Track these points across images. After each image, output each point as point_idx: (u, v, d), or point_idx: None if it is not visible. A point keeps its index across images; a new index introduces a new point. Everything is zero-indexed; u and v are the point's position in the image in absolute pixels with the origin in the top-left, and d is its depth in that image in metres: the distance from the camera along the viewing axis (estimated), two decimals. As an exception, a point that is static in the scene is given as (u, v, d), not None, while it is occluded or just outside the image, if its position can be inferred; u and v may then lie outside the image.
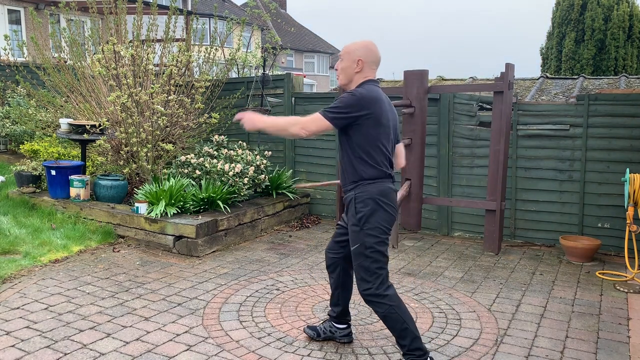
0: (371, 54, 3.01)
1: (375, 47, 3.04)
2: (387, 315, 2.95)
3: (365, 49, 3.00)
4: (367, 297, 2.98)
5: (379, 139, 2.93)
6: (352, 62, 2.99)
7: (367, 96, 2.89)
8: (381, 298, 2.94)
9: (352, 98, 2.88)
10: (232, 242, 5.80)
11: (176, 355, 3.28)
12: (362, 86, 2.97)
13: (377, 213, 2.93)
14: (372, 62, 3.02)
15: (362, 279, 2.98)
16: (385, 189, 2.97)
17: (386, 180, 2.99)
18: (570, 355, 3.38)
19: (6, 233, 5.35)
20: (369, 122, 2.89)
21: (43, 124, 7.88)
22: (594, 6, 19.55)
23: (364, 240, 2.94)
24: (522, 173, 6.05)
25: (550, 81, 10.06)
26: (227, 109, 7.64)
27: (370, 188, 2.94)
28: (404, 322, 2.93)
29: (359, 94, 2.89)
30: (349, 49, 3.02)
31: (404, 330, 2.93)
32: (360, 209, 2.94)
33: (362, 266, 2.97)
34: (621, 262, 5.32)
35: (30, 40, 10.09)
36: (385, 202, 2.95)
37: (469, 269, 5.12)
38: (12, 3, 16.20)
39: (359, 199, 2.95)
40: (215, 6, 8.41)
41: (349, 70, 3.01)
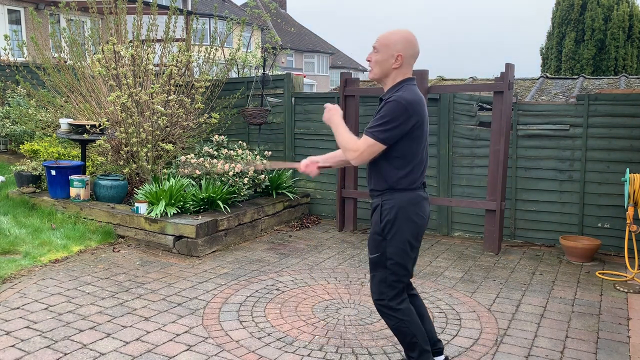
0: (412, 48, 2.69)
1: (415, 40, 2.72)
2: (397, 328, 2.80)
3: (405, 42, 2.68)
4: (378, 307, 2.83)
5: (420, 145, 2.69)
6: (389, 56, 2.67)
7: (414, 101, 2.60)
8: (393, 311, 2.78)
9: (400, 107, 2.57)
10: (232, 242, 5.80)
11: (176, 355, 3.28)
12: (404, 88, 2.66)
13: (404, 223, 2.70)
14: (412, 57, 2.71)
15: (377, 289, 2.80)
16: (416, 197, 2.73)
17: (417, 190, 2.75)
18: (570, 355, 3.38)
19: (6, 233, 5.35)
20: (417, 132, 2.65)
21: (43, 124, 7.88)
22: (594, 6, 19.56)
23: (385, 250, 2.73)
24: (522, 173, 6.05)
25: (550, 81, 10.06)
26: (227, 109, 7.64)
27: (400, 196, 2.70)
28: (414, 336, 2.78)
29: (406, 101, 2.59)
30: (387, 41, 2.68)
31: (413, 344, 2.80)
32: (385, 216, 2.71)
33: (379, 277, 2.78)
34: (621, 262, 5.32)
35: (30, 40, 10.09)
36: (415, 212, 2.72)
37: (469, 269, 5.12)
38: (12, 3, 16.20)
39: (386, 206, 2.72)
40: (215, 6, 8.41)
41: (385, 64, 2.69)
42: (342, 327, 3.72)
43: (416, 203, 2.73)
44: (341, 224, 6.58)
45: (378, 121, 2.61)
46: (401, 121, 2.58)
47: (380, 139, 2.60)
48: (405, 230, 2.71)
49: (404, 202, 2.70)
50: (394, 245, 2.72)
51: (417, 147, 2.69)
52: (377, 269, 2.78)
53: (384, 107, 2.64)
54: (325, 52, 41.11)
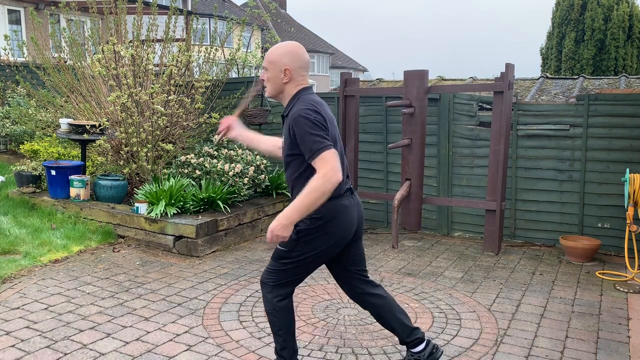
0: (298, 59, 2.70)
1: (301, 50, 2.73)
2: (268, 314, 2.83)
3: (291, 55, 2.69)
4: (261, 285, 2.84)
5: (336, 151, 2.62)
6: (278, 71, 2.68)
7: (318, 109, 2.59)
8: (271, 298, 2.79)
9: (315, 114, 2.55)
10: (232, 242, 5.80)
11: (176, 355, 3.28)
12: (302, 99, 2.65)
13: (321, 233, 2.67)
14: (301, 68, 2.70)
15: (267, 272, 2.81)
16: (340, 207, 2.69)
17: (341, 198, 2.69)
18: (570, 355, 3.38)
19: (6, 233, 5.35)
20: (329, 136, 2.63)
21: (43, 124, 7.88)
22: (594, 6, 19.56)
23: (293, 250, 2.70)
24: (522, 173, 6.05)
25: (550, 81, 10.06)
26: (227, 109, 7.63)
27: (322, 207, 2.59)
28: (279, 329, 2.81)
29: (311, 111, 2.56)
30: (272, 57, 2.70)
31: (277, 335, 2.83)
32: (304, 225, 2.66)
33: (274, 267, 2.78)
34: (621, 262, 5.32)
35: (30, 40, 10.08)
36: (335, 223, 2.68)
37: (469, 269, 5.12)
38: (12, 3, 16.20)
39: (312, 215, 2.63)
40: (215, 6, 8.41)
41: (276, 80, 2.70)
42: (342, 327, 3.72)
43: (340, 214, 2.69)
44: (341, 224, 6.57)
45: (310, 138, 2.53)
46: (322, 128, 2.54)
47: (331, 146, 2.53)
48: (321, 241, 2.69)
49: (328, 214, 2.65)
50: (301, 249, 2.70)
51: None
52: (277, 258, 2.77)
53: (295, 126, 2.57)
54: (325, 52, 41.10)
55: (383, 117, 6.69)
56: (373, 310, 3.01)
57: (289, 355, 2.87)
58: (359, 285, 2.96)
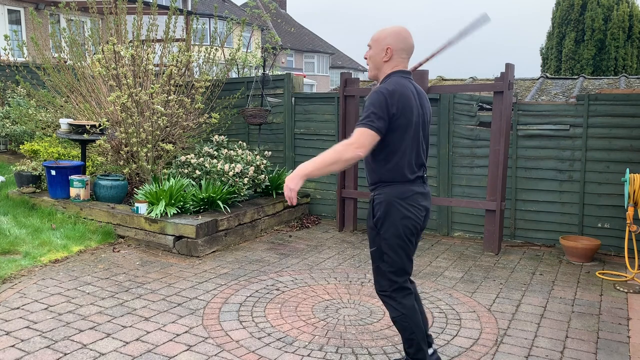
0: (402, 41, 2.75)
1: (407, 34, 2.78)
2: (397, 321, 2.84)
3: (395, 36, 2.75)
4: (381, 296, 2.88)
5: (405, 135, 2.69)
6: (380, 50, 2.76)
7: (394, 91, 2.64)
8: (395, 303, 2.81)
9: (382, 96, 2.62)
10: (232, 242, 5.80)
11: (176, 355, 3.28)
12: (389, 80, 2.73)
13: (395, 217, 2.71)
14: (402, 50, 2.76)
15: (377, 281, 2.86)
16: (406, 191, 2.73)
17: (409, 183, 2.75)
18: (570, 355, 3.38)
19: (6, 233, 5.35)
20: (399, 121, 2.65)
21: (43, 124, 7.88)
22: (594, 6, 19.56)
23: (380, 244, 2.78)
24: (522, 173, 6.05)
25: (550, 81, 10.06)
26: (227, 109, 7.64)
27: (388, 190, 2.73)
28: (413, 332, 2.82)
29: (386, 91, 2.63)
30: (377, 36, 2.78)
31: (410, 340, 2.84)
32: (376, 211, 2.76)
33: (379, 269, 2.83)
34: (621, 262, 5.32)
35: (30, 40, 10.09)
36: (406, 206, 2.72)
37: (469, 269, 5.12)
38: (12, 3, 16.20)
39: (377, 201, 2.76)
40: (215, 6, 8.41)
41: (377, 58, 2.78)
42: (342, 327, 3.72)
43: (408, 197, 2.73)
44: (341, 224, 6.58)
45: (365, 112, 2.65)
46: (386, 111, 2.62)
47: (374, 129, 2.60)
48: (398, 224, 2.72)
49: (393, 196, 2.72)
50: (388, 240, 2.74)
51: (401, 138, 2.69)
52: (376, 261, 2.83)
53: (367, 99, 2.70)
54: (325, 52, 41.10)
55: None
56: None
57: (424, 356, 2.86)
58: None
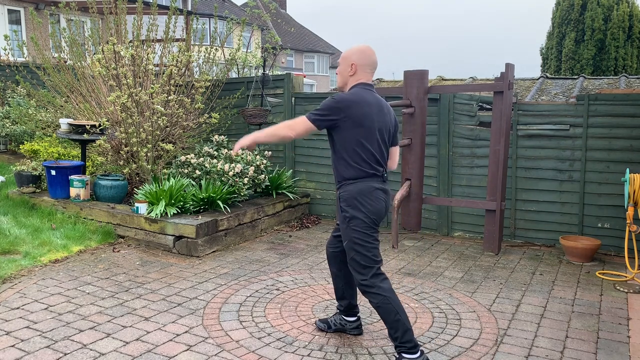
0: (365, 58, 3.13)
1: (370, 51, 3.16)
2: (380, 306, 3.06)
3: (359, 54, 3.14)
4: (361, 287, 3.13)
5: (359, 140, 3.03)
6: (346, 66, 3.15)
7: (348, 99, 3.02)
8: (375, 289, 3.07)
9: (332, 101, 3.01)
10: (232, 242, 5.80)
11: (176, 355, 3.28)
12: (351, 89, 3.12)
13: (360, 210, 3.07)
14: (366, 66, 3.14)
15: (356, 271, 3.14)
16: (365, 188, 3.08)
17: (368, 179, 3.09)
18: (570, 355, 3.38)
19: (6, 233, 5.35)
20: (348, 124, 3.01)
21: (43, 124, 7.88)
22: (594, 6, 19.56)
23: (351, 236, 3.10)
24: (522, 173, 6.05)
25: (550, 81, 10.07)
26: (227, 109, 7.64)
27: (351, 187, 3.09)
28: (397, 313, 3.02)
29: (340, 97, 3.02)
30: (345, 54, 3.18)
31: (396, 322, 3.02)
32: (344, 207, 3.11)
33: (354, 260, 3.13)
34: (621, 262, 5.32)
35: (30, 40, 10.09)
36: (366, 200, 3.07)
37: (469, 269, 5.12)
38: (12, 3, 16.20)
39: (342, 198, 3.11)
40: (215, 6, 8.41)
41: (344, 73, 3.17)
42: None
43: (367, 192, 3.08)
44: (341, 224, 6.57)
45: (316, 108, 3.07)
46: (329, 113, 3.01)
47: (311, 120, 3.03)
48: (361, 215, 3.07)
49: (355, 193, 3.08)
50: (356, 230, 3.08)
51: (359, 142, 3.03)
52: (350, 253, 3.14)
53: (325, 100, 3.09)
54: (325, 52, 41.10)
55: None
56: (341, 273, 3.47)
57: (412, 336, 3.03)
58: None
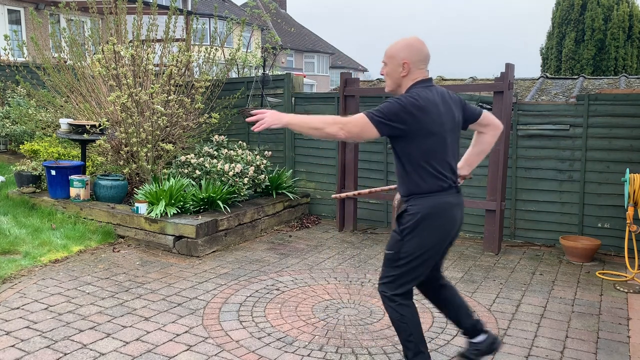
0: (417, 53, 2.72)
1: (420, 44, 2.75)
2: (395, 322, 2.83)
3: (409, 49, 2.72)
4: (382, 297, 2.87)
5: (432, 149, 2.68)
6: (396, 65, 2.72)
7: (416, 105, 2.60)
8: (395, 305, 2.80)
9: (398, 107, 2.59)
10: (232, 242, 5.80)
11: (176, 355, 3.28)
12: (411, 91, 2.69)
13: (423, 228, 2.70)
14: (419, 61, 2.72)
15: (384, 282, 2.83)
16: (439, 204, 2.71)
17: (442, 194, 2.73)
18: (570, 355, 3.38)
19: (6, 233, 5.35)
20: (417, 134, 2.62)
21: (43, 124, 7.88)
22: (594, 6, 19.55)
23: (400, 250, 2.74)
24: (522, 173, 6.05)
25: (550, 81, 10.06)
26: (227, 109, 7.64)
27: (422, 202, 2.70)
28: (411, 334, 2.80)
29: (406, 102, 2.60)
30: (391, 52, 2.74)
31: (409, 342, 2.82)
32: (406, 222, 2.72)
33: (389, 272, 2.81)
34: (621, 262, 5.32)
35: (30, 40, 10.09)
36: (434, 218, 2.71)
37: (469, 269, 5.12)
38: (12, 3, 16.21)
39: (410, 212, 2.72)
40: (215, 6, 8.41)
41: (394, 75, 2.75)
42: (342, 327, 3.72)
43: (440, 211, 2.72)
44: (341, 224, 6.58)
45: (377, 109, 2.62)
46: (394, 119, 2.59)
47: (375, 122, 2.57)
48: (424, 233, 2.71)
49: (426, 209, 2.69)
50: (410, 246, 2.72)
51: (426, 149, 2.67)
52: (389, 264, 2.81)
53: (388, 100, 2.65)
54: (325, 52, 41.10)
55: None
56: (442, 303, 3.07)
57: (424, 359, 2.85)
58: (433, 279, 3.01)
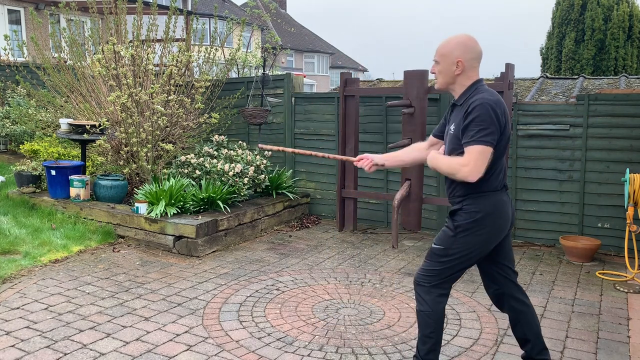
0: (471, 51, 2.71)
1: (473, 42, 2.73)
2: (421, 315, 2.83)
3: (463, 47, 2.70)
4: (417, 287, 2.85)
5: (503, 149, 2.69)
6: (450, 64, 2.71)
7: (498, 101, 2.61)
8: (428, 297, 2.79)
9: (492, 112, 2.57)
10: (232, 242, 5.80)
11: (176, 355, 3.28)
12: (479, 90, 2.68)
13: (479, 227, 2.69)
14: (473, 60, 2.72)
15: (424, 275, 2.82)
16: (498, 202, 2.71)
17: (500, 193, 2.73)
18: (570, 355, 3.38)
19: (6, 233, 5.35)
20: (503, 132, 2.64)
21: (43, 124, 7.88)
22: (594, 6, 19.54)
23: (451, 246, 2.73)
24: (522, 173, 6.05)
25: (550, 81, 10.07)
26: (227, 109, 7.64)
27: (483, 201, 2.69)
28: (432, 332, 2.80)
29: (495, 103, 2.59)
30: (444, 51, 2.73)
31: (428, 338, 2.82)
32: (462, 220, 2.71)
33: (433, 266, 2.79)
34: (621, 262, 5.32)
35: (30, 40, 10.09)
36: (493, 219, 2.70)
37: (468, 269, 5.11)
38: (12, 3, 16.21)
39: (467, 210, 2.70)
40: (215, 6, 8.41)
41: (448, 73, 2.73)
42: (342, 327, 3.72)
43: (499, 209, 2.72)
44: (341, 224, 6.58)
45: (479, 128, 2.56)
46: (497, 125, 2.59)
47: (489, 142, 2.56)
48: (479, 237, 2.71)
49: (487, 208, 2.70)
50: (461, 247, 2.72)
51: (500, 150, 2.68)
52: (434, 258, 2.79)
53: (471, 112, 2.60)
54: (325, 52, 41.11)
55: (383, 117, 6.69)
56: (513, 315, 2.98)
57: (436, 358, 2.86)
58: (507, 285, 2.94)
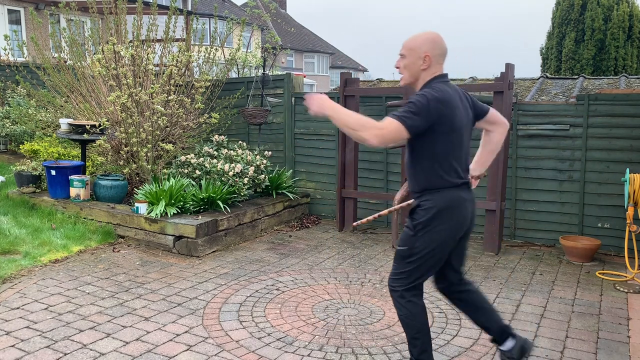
0: (438, 47, 2.74)
1: (440, 39, 2.77)
2: (403, 319, 2.83)
3: (431, 43, 2.73)
4: (391, 293, 2.86)
5: (451, 145, 2.72)
6: (417, 58, 2.72)
7: (442, 99, 2.62)
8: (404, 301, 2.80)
9: (425, 101, 2.58)
10: (232, 242, 5.80)
11: (176, 355, 3.28)
12: (431, 85, 2.70)
13: (437, 223, 2.70)
14: (439, 56, 2.74)
15: (395, 279, 2.83)
16: (454, 198, 2.73)
17: (456, 189, 2.75)
18: (570, 355, 3.38)
19: (6, 233, 5.35)
20: (443, 128, 2.65)
21: (43, 124, 7.88)
22: (594, 6, 19.54)
23: (413, 245, 2.74)
24: (522, 173, 6.05)
25: (550, 81, 10.06)
26: (227, 109, 7.64)
27: (437, 197, 2.71)
28: (418, 332, 2.81)
29: (432, 96, 2.60)
30: (412, 45, 2.74)
31: (415, 339, 2.82)
32: (420, 217, 2.72)
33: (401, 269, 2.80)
34: (621, 262, 5.32)
35: (30, 40, 10.09)
36: (449, 212, 2.72)
37: (469, 269, 5.12)
38: (12, 3, 16.21)
39: (422, 207, 2.73)
40: (215, 6, 8.41)
41: (414, 67, 2.74)
42: (342, 327, 3.72)
43: (455, 205, 2.73)
44: (341, 224, 6.58)
45: (405, 110, 2.59)
46: (424, 114, 2.57)
47: (407, 125, 2.55)
48: (437, 228, 2.71)
49: (441, 204, 2.70)
50: (422, 241, 2.72)
51: (445, 145, 2.69)
52: (401, 260, 2.80)
53: (411, 98, 2.63)
54: (325, 52, 41.11)
55: (383, 116, 6.68)
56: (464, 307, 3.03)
57: (428, 358, 2.85)
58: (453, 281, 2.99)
